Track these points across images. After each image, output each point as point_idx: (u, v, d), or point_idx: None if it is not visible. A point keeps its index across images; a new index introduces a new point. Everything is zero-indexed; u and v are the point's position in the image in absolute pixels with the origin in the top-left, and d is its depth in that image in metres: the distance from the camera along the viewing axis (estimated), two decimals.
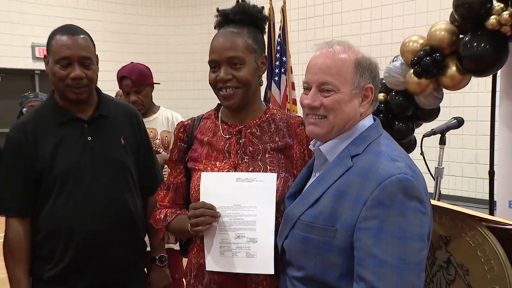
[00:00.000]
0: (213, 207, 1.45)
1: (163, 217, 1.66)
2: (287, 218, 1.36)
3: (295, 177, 1.53)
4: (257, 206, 1.44)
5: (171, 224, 1.63)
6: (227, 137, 1.59)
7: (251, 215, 1.44)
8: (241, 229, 1.44)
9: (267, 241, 1.42)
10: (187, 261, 1.68)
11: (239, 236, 1.44)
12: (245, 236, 1.44)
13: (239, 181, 1.46)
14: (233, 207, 1.45)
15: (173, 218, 1.63)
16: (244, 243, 1.44)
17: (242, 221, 1.44)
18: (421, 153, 2.78)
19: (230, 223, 1.45)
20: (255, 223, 1.44)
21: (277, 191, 1.46)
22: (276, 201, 1.44)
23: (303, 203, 1.32)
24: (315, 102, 1.31)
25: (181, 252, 1.78)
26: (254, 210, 1.44)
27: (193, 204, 1.49)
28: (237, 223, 1.45)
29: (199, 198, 1.49)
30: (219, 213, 1.45)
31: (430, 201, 1.26)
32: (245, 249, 1.44)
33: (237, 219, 1.45)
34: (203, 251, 1.51)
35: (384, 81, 3.17)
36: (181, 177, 1.68)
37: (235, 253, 1.45)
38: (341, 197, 1.24)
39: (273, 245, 1.42)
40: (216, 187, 1.47)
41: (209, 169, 1.56)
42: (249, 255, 1.44)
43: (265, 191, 1.44)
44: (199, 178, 1.52)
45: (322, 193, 1.28)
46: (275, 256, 1.42)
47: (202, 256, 1.54)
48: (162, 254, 2.09)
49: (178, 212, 1.66)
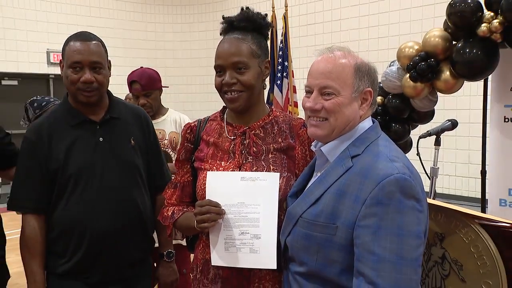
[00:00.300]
0: (218, 205, 1.44)
1: (170, 214, 1.66)
2: (290, 215, 1.35)
3: (297, 177, 1.53)
4: (260, 204, 1.43)
5: (178, 221, 1.63)
6: (232, 138, 1.59)
7: (255, 213, 1.43)
8: (245, 225, 1.44)
9: (270, 237, 1.42)
10: (194, 256, 1.67)
11: (243, 232, 1.44)
12: (249, 232, 1.43)
13: (243, 180, 1.45)
14: (237, 204, 1.45)
15: (180, 215, 1.63)
16: (248, 239, 1.43)
17: (246, 218, 1.44)
18: (417, 153, 2.78)
19: (234, 220, 1.45)
20: (258, 220, 1.43)
21: (279, 189, 1.45)
22: (278, 199, 1.44)
23: (305, 202, 1.31)
24: (317, 105, 1.30)
25: (188, 248, 1.78)
26: (257, 207, 1.43)
27: (199, 201, 1.48)
28: (241, 220, 1.44)
29: (205, 196, 1.49)
30: (224, 211, 1.44)
31: (426, 199, 1.25)
32: (249, 245, 1.43)
33: (241, 216, 1.44)
34: (208, 247, 1.51)
35: (381, 85, 3.16)
36: (187, 176, 1.67)
37: (239, 249, 1.44)
38: (342, 196, 1.23)
39: (275, 241, 1.42)
40: (221, 185, 1.47)
41: (215, 168, 1.56)
42: (252, 250, 1.43)
43: (268, 190, 1.43)
44: (205, 177, 1.51)
45: (323, 192, 1.27)
46: (278, 252, 1.42)
47: (207, 251, 1.54)
48: (169, 250, 2.09)
49: (185, 209, 1.65)
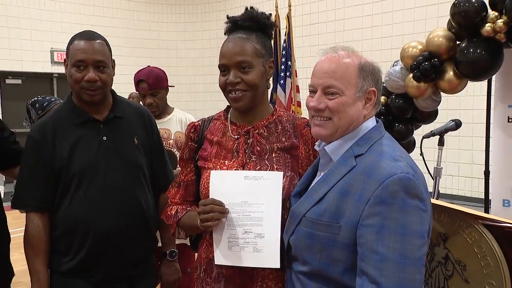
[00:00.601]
0: (222, 204, 1.44)
1: (174, 213, 1.66)
2: (293, 215, 1.35)
3: (300, 176, 1.52)
4: (264, 203, 1.43)
5: (182, 220, 1.63)
6: (236, 137, 1.58)
7: (258, 212, 1.43)
8: (249, 224, 1.44)
9: (274, 236, 1.42)
10: (197, 255, 1.67)
11: (246, 231, 1.44)
12: (252, 231, 1.43)
13: (247, 179, 1.45)
14: (241, 203, 1.44)
15: (184, 214, 1.63)
16: (251, 238, 1.43)
17: (249, 217, 1.44)
18: (421, 153, 2.77)
19: (238, 219, 1.44)
20: (262, 219, 1.43)
21: (283, 189, 1.45)
22: (282, 198, 1.43)
23: (309, 201, 1.31)
24: (321, 104, 1.30)
25: (191, 247, 1.78)
26: (261, 206, 1.43)
27: (203, 200, 1.48)
28: (245, 219, 1.44)
29: (208, 195, 1.49)
30: (227, 209, 1.44)
31: (430, 199, 1.25)
32: (252, 244, 1.43)
33: (245, 215, 1.44)
34: (212, 246, 1.51)
35: (384, 85, 3.16)
36: (191, 175, 1.67)
37: (242, 248, 1.44)
38: (345, 195, 1.23)
39: (279, 240, 1.41)
40: (224, 184, 1.47)
41: (218, 167, 1.56)
42: (256, 249, 1.43)
43: (271, 189, 1.43)
44: (209, 176, 1.51)
45: (327, 191, 1.27)
46: (281, 251, 1.41)
47: (211, 250, 1.54)
48: (172, 249, 2.09)
49: (188, 208, 1.65)
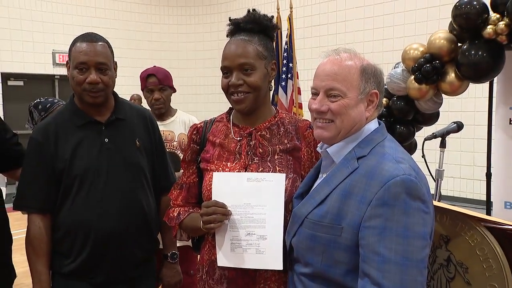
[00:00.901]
0: (224, 206, 1.44)
1: (176, 215, 1.66)
2: (295, 216, 1.35)
3: (302, 178, 1.52)
4: (266, 205, 1.43)
5: (184, 222, 1.63)
6: (238, 139, 1.59)
7: (261, 214, 1.43)
8: (251, 226, 1.44)
9: (276, 238, 1.41)
10: (200, 257, 1.67)
11: (249, 233, 1.44)
12: (255, 233, 1.43)
13: (250, 181, 1.45)
14: (243, 205, 1.44)
15: (186, 216, 1.63)
16: (254, 240, 1.43)
17: (252, 219, 1.44)
18: (423, 155, 2.76)
19: (240, 221, 1.45)
20: (264, 221, 1.43)
21: (285, 190, 1.45)
22: (284, 200, 1.43)
23: (311, 202, 1.31)
24: (323, 107, 1.30)
25: (193, 249, 1.78)
26: (263, 208, 1.43)
27: (205, 202, 1.48)
28: (248, 221, 1.44)
29: (211, 197, 1.49)
30: (230, 211, 1.44)
31: (432, 201, 1.25)
32: (255, 246, 1.43)
33: (248, 217, 1.44)
34: (214, 248, 1.51)
35: (386, 87, 3.16)
36: (193, 177, 1.67)
37: (245, 250, 1.44)
38: (347, 197, 1.23)
39: (282, 242, 1.41)
40: (227, 186, 1.47)
41: (221, 169, 1.56)
42: (258, 251, 1.43)
43: (274, 191, 1.43)
44: (211, 178, 1.51)
45: (329, 193, 1.27)
46: (284, 253, 1.41)
47: (213, 252, 1.54)
48: (173, 251, 2.10)
49: (190, 210, 1.65)
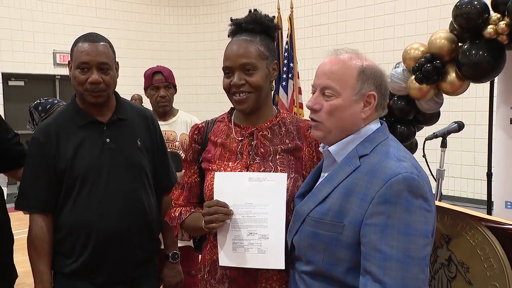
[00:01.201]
0: (226, 205, 1.44)
1: (177, 215, 1.66)
2: (297, 214, 1.36)
3: (304, 178, 1.53)
4: (268, 204, 1.43)
5: (186, 221, 1.63)
6: (240, 139, 1.59)
7: (263, 213, 1.43)
8: (253, 226, 1.44)
9: (278, 237, 1.42)
10: (201, 257, 1.67)
11: (251, 233, 1.44)
12: (257, 233, 1.43)
13: (251, 181, 1.45)
14: (245, 205, 1.45)
15: (188, 216, 1.63)
16: (256, 239, 1.43)
17: (254, 219, 1.44)
18: (423, 155, 2.76)
19: (242, 221, 1.45)
20: (266, 221, 1.43)
21: (287, 190, 1.45)
22: (286, 200, 1.44)
23: (313, 200, 1.31)
24: (316, 105, 1.31)
25: (195, 249, 1.78)
26: (265, 208, 1.43)
27: (207, 202, 1.48)
28: (249, 221, 1.44)
29: (212, 196, 1.49)
30: (232, 211, 1.45)
31: (434, 199, 1.25)
32: (257, 245, 1.43)
33: (249, 217, 1.44)
34: (216, 248, 1.51)
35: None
36: (195, 177, 1.68)
37: (247, 249, 1.44)
38: (349, 195, 1.23)
39: (283, 241, 1.42)
40: (229, 186, 1.47)
41: (222, 169, 1.56)
42: (260, 251, 1.43)
43: (276, 190, 1.43)
44: (213, 177, 1.51)
45: (331, 191, 1.28)
46: (286, 252, 1.42)
47: (215, 252, 1.54)
48: (175, 251, 2.10)
49: (192, 210, 1.65)
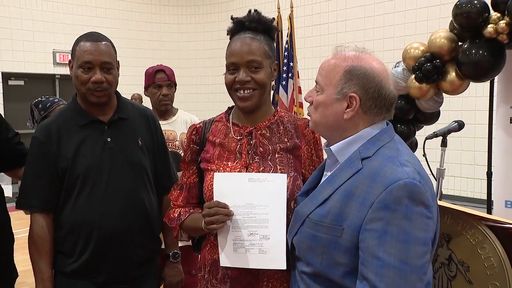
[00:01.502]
0: (226, 206, 1.44)
1: (177, 216, 1.66)
2: (297, 215, 1.35)
3: (303, 176, 1.53)
4: (268, 205, 1.43)
5: (185, 222, 1.63)
6: (238, 138, 1.59)
7: (263, 214, 1.43)
8: (254, 226, 1.44)
9: (279, 238, 1.42)
10: (201, 257, 1.67)
11: (252, 233, 1.44)
12: (257, 233, 1.43)
13: (251, 181, 1.45)
14: (245, 206, 1.44)
15: (187, 217, 1.63)
16: (257, 240, 1.43)
17: (254, 219, 1.44)
18: (424, 154, 2.76)
19: (243, 221, 1.45)
20: (267, 221, 1.43)
21: (287, 189, 1.45)
22: (286, 199, 1.44)
23: (313, 202, 1.31)
24: (308, 98, 1.34)
25: (194, 249, 1.77)
26: (266, 208, 1.43)
27: (207, 203, 1.48)
28: (250, 221, 1.44)
29: (212, 197, 1.49)
30: (232, 212, 1.45)
31: (437, 205, 1.23)
32: (258, 246, 1.43)
33: (250, 217, 1.44)
34: (217, 248, 1.51)
35: None
36: (194, 178, 1.68)
37: (248, 250, 1.44)
38: (349, 198, 1.22)
39: (285, 241, 1.42)
40: (229, 187, 1.47)
41: (221, 169, 1.56)
42: (261, 251, 1.43)
43: (276, 191, 1.43)
44: (212, 178, 1.51)
45: (331, 193, 1.26)
46: (287, 251, 1.42)
47: (216, 252, 1.54)
48: (175, 251, 2.10)
49: (191, 211, 1.65)
